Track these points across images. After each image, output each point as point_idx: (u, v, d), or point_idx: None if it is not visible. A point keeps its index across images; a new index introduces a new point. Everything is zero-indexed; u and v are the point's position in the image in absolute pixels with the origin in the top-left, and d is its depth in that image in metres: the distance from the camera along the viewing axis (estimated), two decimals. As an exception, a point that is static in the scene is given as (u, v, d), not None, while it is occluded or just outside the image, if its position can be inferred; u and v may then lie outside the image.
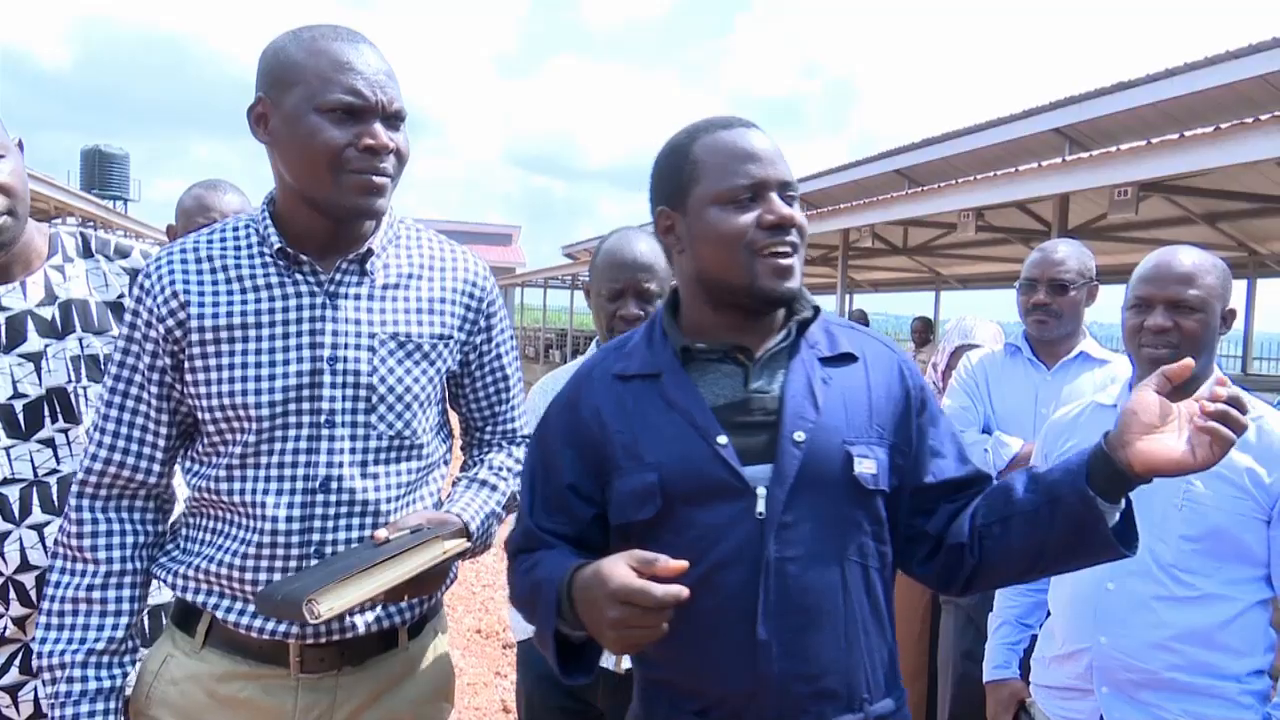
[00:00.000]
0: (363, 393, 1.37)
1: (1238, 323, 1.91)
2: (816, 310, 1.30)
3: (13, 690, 1.57)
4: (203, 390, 1.35)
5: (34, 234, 1.62)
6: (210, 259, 1.38)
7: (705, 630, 1.20)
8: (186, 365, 1.36)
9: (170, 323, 1.35)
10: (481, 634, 4.84)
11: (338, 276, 1.38)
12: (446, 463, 1.55)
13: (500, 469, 1.57)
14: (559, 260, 29.46)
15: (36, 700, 1.57)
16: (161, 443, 1.40)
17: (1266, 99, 8.42)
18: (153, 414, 1.39)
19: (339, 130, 1.29)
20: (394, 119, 1.35)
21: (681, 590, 1.04)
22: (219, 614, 1.37)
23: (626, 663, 1.98)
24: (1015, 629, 2.12)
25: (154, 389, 1.38)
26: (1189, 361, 1.13)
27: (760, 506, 1.18)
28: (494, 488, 1.54)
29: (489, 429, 1.61)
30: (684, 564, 1.06)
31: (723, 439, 1.20)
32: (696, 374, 1.26)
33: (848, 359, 1.28)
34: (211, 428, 1.37)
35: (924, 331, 10.42)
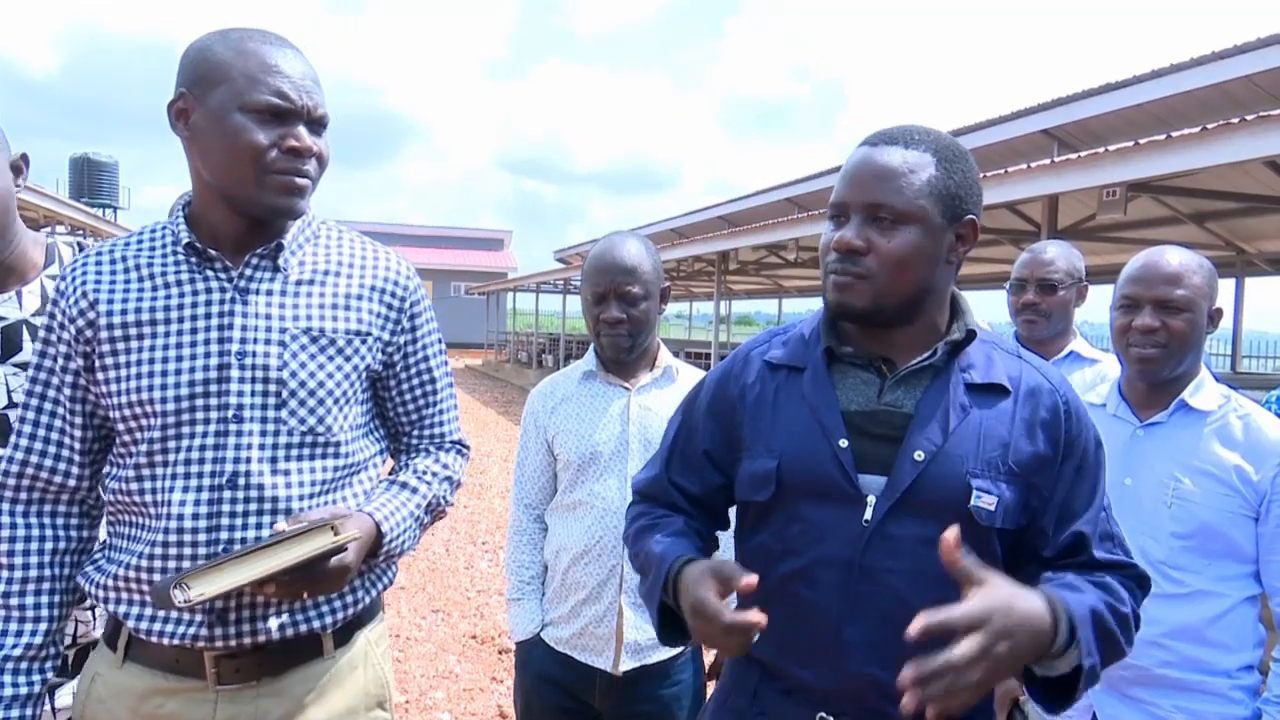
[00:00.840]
0: (273, 387, 1.35)
1: (1226, 321, 1.94)
2: (970, 335, 1.28)
3: None
4: (112, 388, 1.34)
5: (29, 246, 1.63)
6: (124, 259, 1.39)
7: (799, 620, 1.24)
8: (97, 364, 1.35)
9: (80, 323, 1.35)
10: (477, 639, 4.84)
11: (248, 272, 1.38)
12: (376, 466, 1.52)
13: (424, 473, 1.54)
14: (551, 264, 29.45)
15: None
16: (78, 445, 1.39)
17: (1252, 99, 8.48)
18: (67, 414, 1.39)
19: (263, 131, 1.30)
20: (317, 124, 1.36)
21: (749, 619, 1.10)
22: (130, 623, 1.35)
23: (624, 665, 1.99)
24: (1009, 627, 2.14)
25: (68, 390, 1.38)
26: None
27: (868, 514, 1.20)
28: (414, 490, 1.50)
29: (415, 433, 1.58)
30: (754, 579, 1.12)
31: (844, 442, 1.23)
32: (838, 376, 1.29)
33: (998, 390, 1.25)
34: (121, 426, 1.35)
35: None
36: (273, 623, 1.35)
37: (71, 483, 1.40)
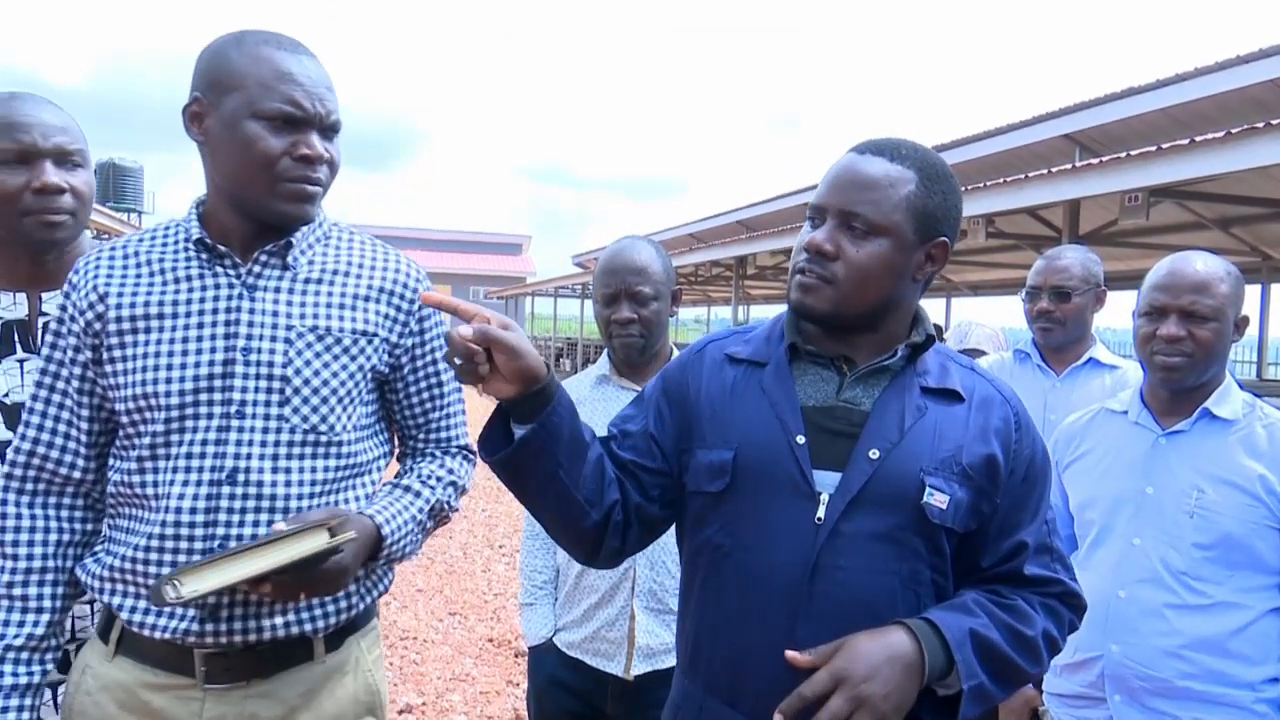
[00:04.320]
0: (276, 384, 1.36)
1: (1252, 328, 1.91)
2: (930, 338, 1.30)
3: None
4: (119, 380, 1.35)
5: (81, 249, 1.69)
6: (136, 254, 1.41)
7: (749, 621, 1.23)
8: (105, 356, 1.36)
9: (89, 315, 1.37)
10: (494, 643, 4.84)
11: (256, 269, 1.39)
12: (379, 469, 1.52)
13: (429, 477, 1.53)
14: (567, 269, 29.51)
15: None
16: (84, 436, 1.40)
17: (1277, 103, 8.39)
18: (74, 406, 1.40)
19: (276, 138, 1.32)
20: (329, 130, 1.37)
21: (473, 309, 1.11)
22: (123, 615, 1.35)
23: (636, 669, 1.98)
24: (1027, 637, 2.11)
25: (75, 383, 1.39)
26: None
27: (821, 511, 1.20)
28: (416, 494, 1.50)
29: (422, 436, 1.57)
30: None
31: (801, 438, 1.23)
32: (798, 373, 1.30)
33: (952, 396, 1.27)
34: (125, 419, 1.36)
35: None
36: (265, 623, 1.35)
37: (77, 474, 1.41)
